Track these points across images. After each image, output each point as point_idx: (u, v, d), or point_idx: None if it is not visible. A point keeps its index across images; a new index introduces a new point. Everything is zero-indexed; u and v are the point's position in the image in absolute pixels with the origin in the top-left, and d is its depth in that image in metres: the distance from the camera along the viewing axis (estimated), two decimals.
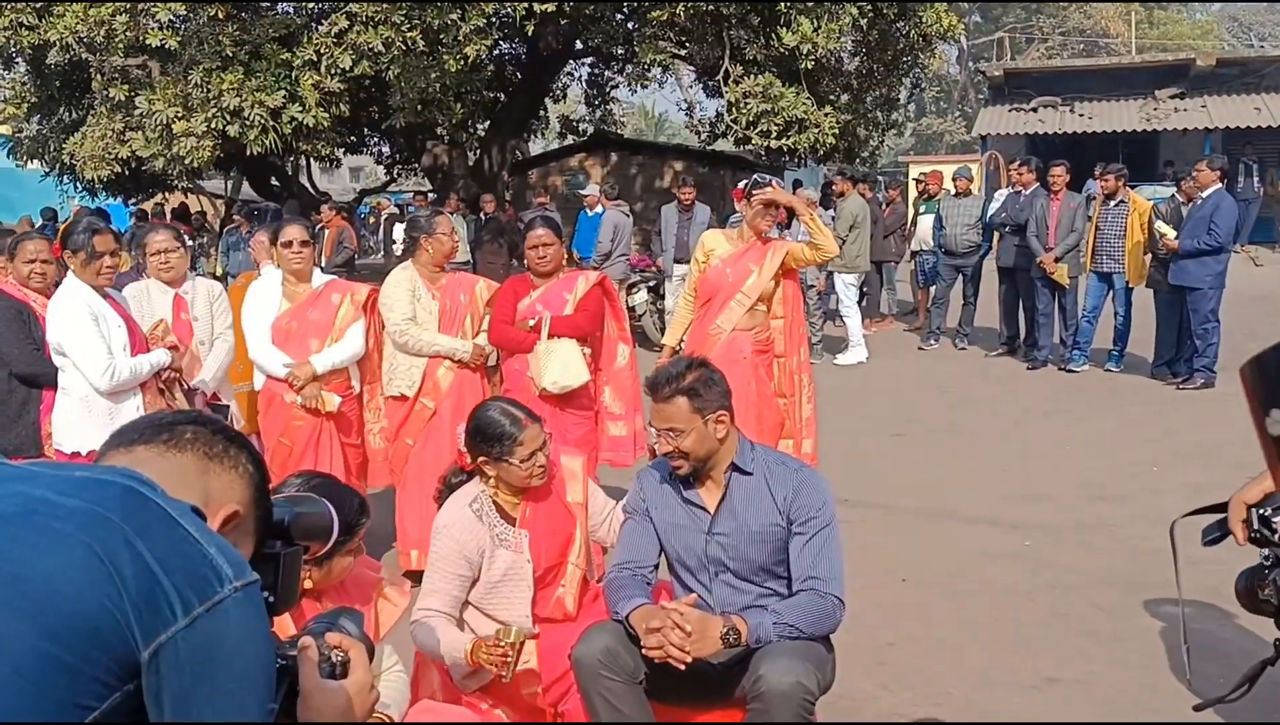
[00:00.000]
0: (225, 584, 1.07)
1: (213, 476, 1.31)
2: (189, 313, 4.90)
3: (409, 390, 5.00)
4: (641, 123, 48.81)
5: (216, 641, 1.05)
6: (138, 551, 1.02)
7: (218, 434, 1.34)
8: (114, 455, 1.30)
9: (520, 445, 3.03)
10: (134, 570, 1.01)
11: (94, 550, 1.00)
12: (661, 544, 3.11)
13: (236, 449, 1.35)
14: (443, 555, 3.08)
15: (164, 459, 1.28)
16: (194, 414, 1.40)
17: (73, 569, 0.99)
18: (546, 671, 3.14)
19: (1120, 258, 9.44)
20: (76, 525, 1.01)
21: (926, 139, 43.86)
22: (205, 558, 1.08)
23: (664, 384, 2.98)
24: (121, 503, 1.06)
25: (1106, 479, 6.40)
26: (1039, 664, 3.97)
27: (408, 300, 5.04)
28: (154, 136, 12.32)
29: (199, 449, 1.31)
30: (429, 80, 11.99)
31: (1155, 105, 20.12)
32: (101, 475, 1.11)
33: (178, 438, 1.31)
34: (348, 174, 44.15)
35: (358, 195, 22.30)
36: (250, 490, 1.35)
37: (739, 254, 5.37)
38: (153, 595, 1.01)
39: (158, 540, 1.04)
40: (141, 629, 1.00)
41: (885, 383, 9.83)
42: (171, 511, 1.09)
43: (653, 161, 20.63)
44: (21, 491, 1.05)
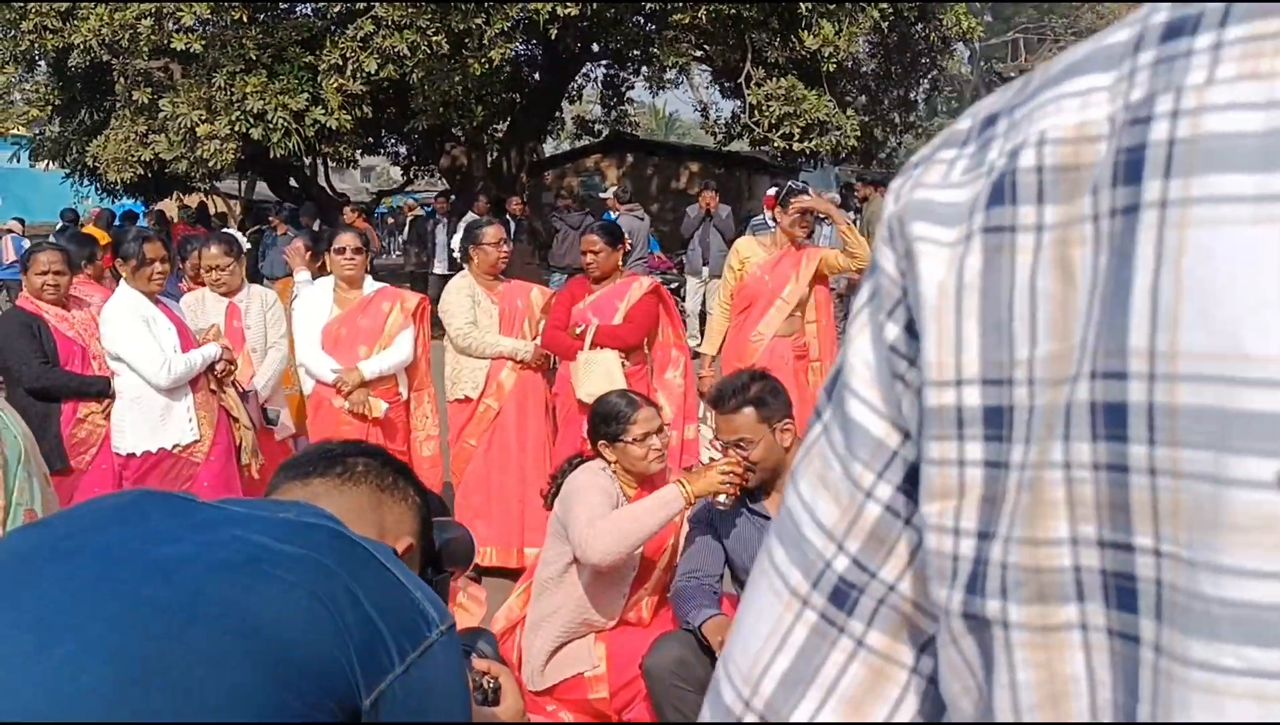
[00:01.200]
0: (433, 628, 1.08)
1: (386, 509, 1.32)
2: (241, 320, 4.96)
3: (473, 392, 5.09)
4: (652, 122, 48.79)
5: (428, 686, 1.06)
6: (357, 598, 1.03)
7: (387, 465, 1.36)
8: (290, 488, 1.31)
9: (634, 424, 3.13)
10: (355, 618, 1.01)
11: (320, 599, 1.00)
12: (726, 555, 3.16)
13: (404, 480, 1.37)
14: (587, 494, 3.13)
15: (340, 493, 1.30)
16: (360, 445, 1.41)
17: (304, 619, 0.99)
18: (614, 677, 3.19)
19: None
20: (300, 574, 1.02)
21: None
22: (413, 602, 1.08)
23: (730, 396, 3.03)
24: (333, 548, 1.07)
25: None
26: None
27: (468, 306, 5.12)
28: (177, 139, 12.39)
29: (372, 482, 1.33)
30: (452, 83, 12.05)
31: None
32: (304, 517, 1.12)
33: (351, 470, 1.33)
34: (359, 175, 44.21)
35: (375, 196, 22.36)
36: (418, 522, 1.37)
37: (775, 261, 5.43)
38: (372, 642, 1.02)
39: (371, 586, 1.05)
40: (365, 677, 1.00)
41: None
42: (377, 555, 1.09)
43: (668, 162, 20.69)
44: (240, 537, 1.05)
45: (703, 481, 2.95)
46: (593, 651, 3.22)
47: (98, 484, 4.48)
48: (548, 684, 3.22)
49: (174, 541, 1.03)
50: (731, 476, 2.92)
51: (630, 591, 3.27)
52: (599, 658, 3.21)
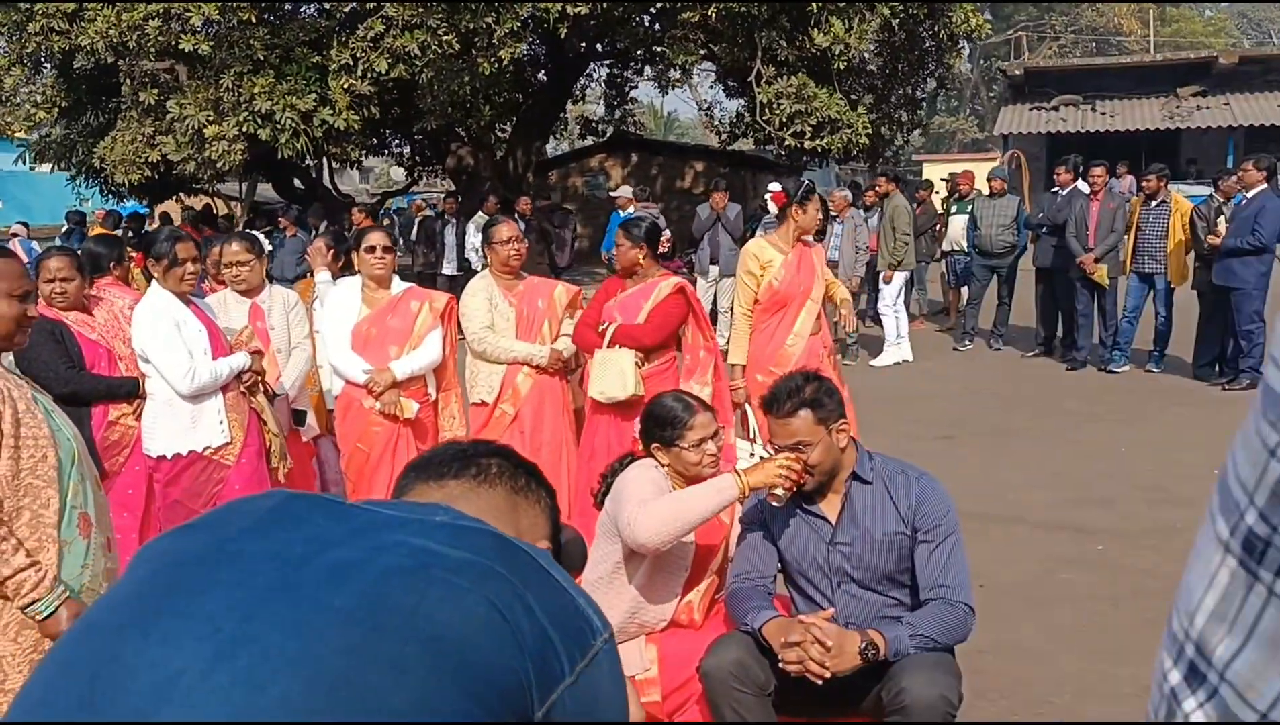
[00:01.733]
0: (597, 635, 1.03)
1: (521, 512, 1.28)
2: (265, 321, 4.91)
3: (489, 397, 5.05)
4: (651, 122, 48.81)
5: (595, 695, 1.01)
6: (529, 605, 0.98)
7: (519, 467, 1.31)
8: (424, 489, 1.26)
9: (690, 430, 3.10)
10: (529, 625, 0.96)
11: (495, 606, 0.95)
12: (780, 555, 3.11)
13: (536, 482, 1.32)
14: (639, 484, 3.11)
15: (477, 495, 1.25)
16: (490, 445, 1.35)
17: (481, 626, 0.94)
18: (667, 680, 3.14)
19: (1162, 258, 9.43)
20: (473, 580, 0.97)
21: (938, 138, 43.80)
22: (577, 608, 1.04)
23: (785, 399, 2.97)
24: (500, 552, 1.02)
25: (1167, 482, 6.38)
26: (1136, 672, 3.96)
27: (485, 309, 5.07)
28: (185, 140, 12.37)
29: (506, 483, 1.28)
30: (461, 83, 12.02)
31: (1177, 103, 20.10)
32: (461, 521, 1.06)
33: (486, 472, 1.28)
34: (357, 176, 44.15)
35: (380, 197, 22.31)
36: (550, 525, 1.32)
37: (798, 262, 5.42)
38: (545, 651, 0.97)
39: (540, 592, 1.00)
40: (539, 687, 0.96)
41: (925, 384, 9.81)
42: (539, 559, 1.05)
43: (673, 162, 20.65)
44: (402, 541, 0.99)
45: (760, 473, 2.90)
46: (644, 654, 3.18)
47: (130, 486, 4.43)
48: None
49: (339, 545, 0.97)
50: (789, 472, 2.88)
51: (682, 592, 3.22)
52: (651, 660, 3.16)
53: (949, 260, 12.54)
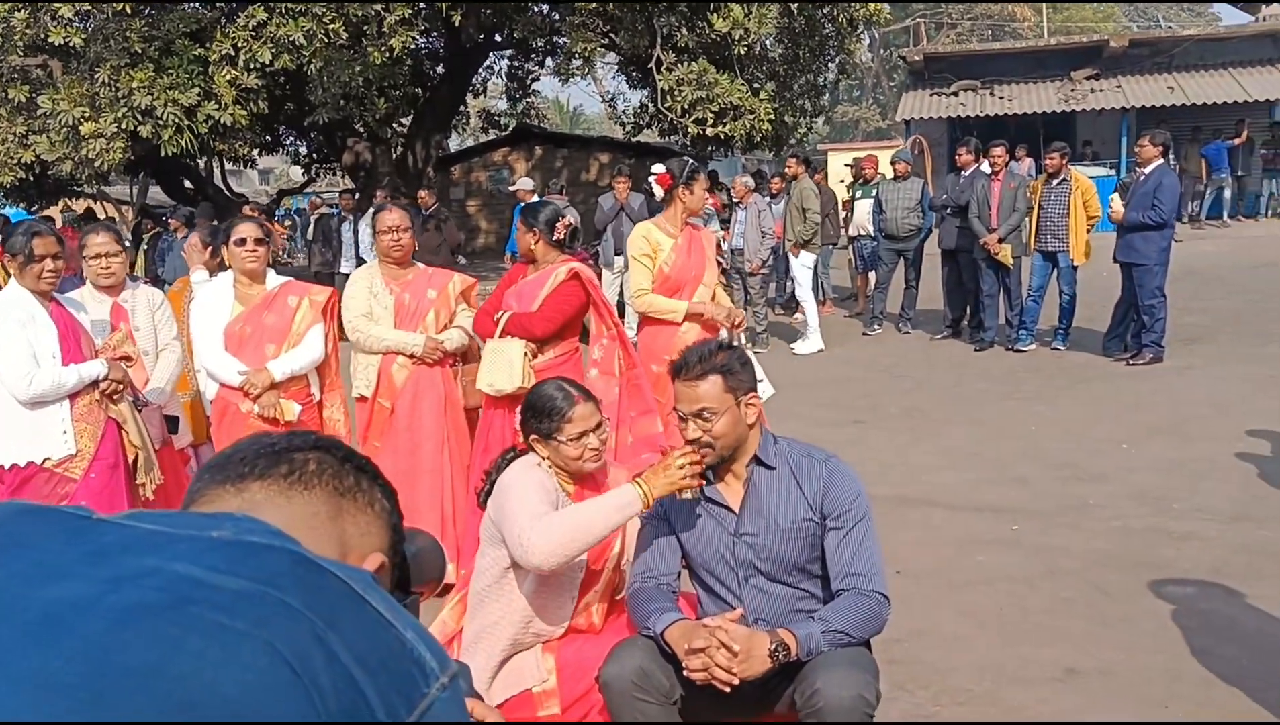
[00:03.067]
0: (432, 681, 0.79)
1: (348, 519, 1.02)
2: (129, 322, 4.53)
3: (367, 391, 4.79)
4: (557, 117, 48.42)
5: None
6: (332, 651, 0.73)
7: (346, 462, 1.05)
8: (218, 495, 0.99)
9: (569, 422, 2.86)
10: (331, 678, 0.72)
11: (281, 656, 0.70)
12: (683, 549, 2.89)
13: (369, 480, 1.05)
14: (523, 490, 2.84)
15: (288, 500, 0.99)
16: (311, 437, 1.07)
17: (260, 687, 0.68)
18: (566, 691, 2.90)
19: (1064, 236, 9.46)
20: (251, 619, 0.71)
21: (841, 126, 44.23)
22: (405, 647, 0.79)
23: (695, 362, 2.75)
24: (296, 579, 0.76)
25: (1079, 459, 6.34)
26: (1055, 654, 3.83)
27: (364, 297, 4.80)
28: (59, 139, 11.70)
29: (328, 484, 1.02)
30: (352, 74, 11.59)
31: (1072, 86, 20.44)
32: (247, 535, 0.80)
33: (301, 470, 1.01)
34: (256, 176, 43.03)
35: (275, 197, 21.61)
36: (389, 533, 1.06)
37: (688, 244, 5.26)
38: (355, 711, 0.72)
39: (349, 630, 0.75)
40: None
41: (835, 370, 9.72)
42: (355, 585, 0.79)
43: (578, 154, 20.41)
44: (158, 568, 0.73)
45: (662, 479, 2.66)
46: (541, 664, 2.93)
47: None
48: (494, 703, 2.92)
49: (65, 577, 0.71)
50: (690, 468, 2.65)
51: (579, 595, 2.98)
52: (548, 670, 2.91)
53: (855, 245, 12.50)
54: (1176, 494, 5.54)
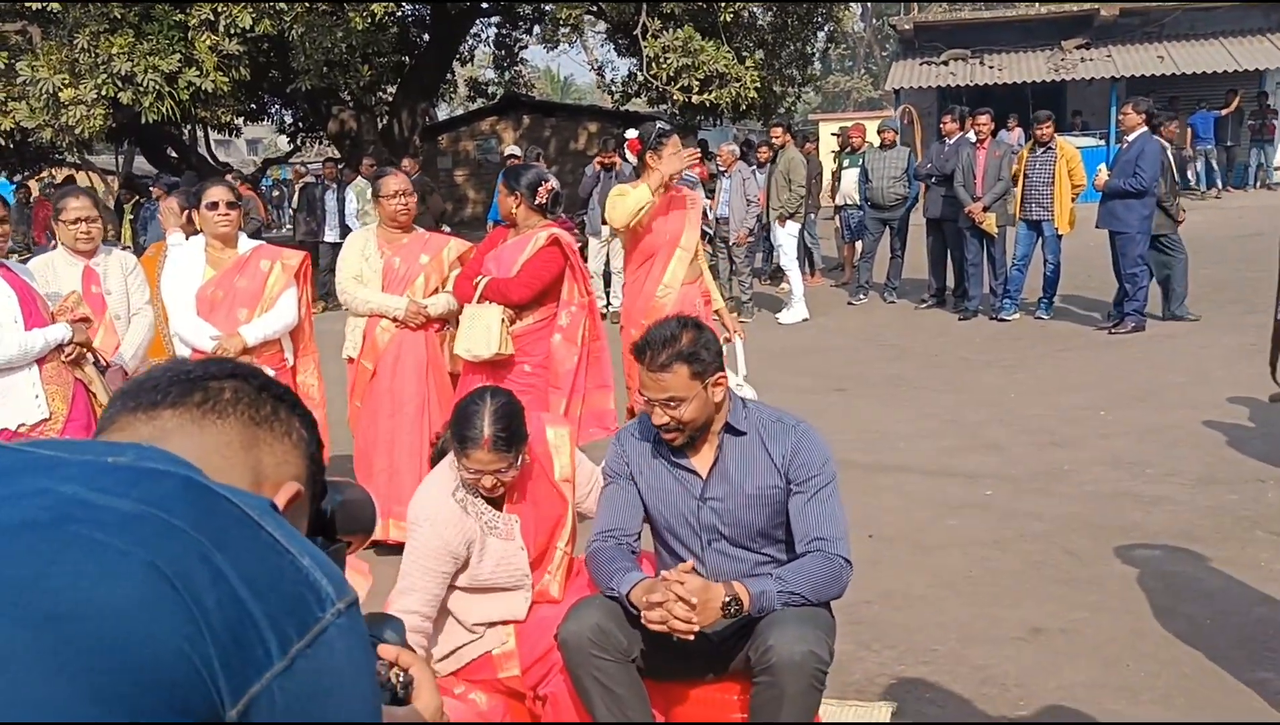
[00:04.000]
0: (327, 606, 0.79)
1: (264, 448, 1.01)
2: (101, 286, 4.51)
3: (354, 352, 4.83)
4: (548, 87, 48.15)
5: (321, 683, 0.77)
6: (219, 571, 0.73)
7: (263, 391, 1.03)
8: (129, 422, 0.97)
9: (467, 457, 2.73)
10: (216, 598, 0.72)
11: (162, 573, 0.70)
12: (646, 510, 2.89)
13: (286, 409, 1.05)
14: (424, 551, 2.78)
15: (200, 429, 0.97)
16: (229, 364, 1.05)
17: (135, 601, 0.69)
18: (525, 652, 2.91)
19: (1049, 205, 9.45)
20: (133, 538, 0.71)
21: (833, 97, 44.05)
22: (300, 573, 0.79)
23: (660, 349, 2.68)
24: (187, 502, 0.76)
25: (1056, 425, 6.36)
26: (1022, 614, 3.86)
27: (356, 260, 4.84)
28: (39, 106, 11.62)
29: (243, 413, 1.00)
30: (334, 40, 11.50)
31: (1062, 56, 20.36)
32: (146, 461, 0.80)
33: (215, 399, 1.00)
34: (245, 146, 42.77)
35: (261, 166, 21.49)
36: (306, 463, 1.05)
37: (665, 208, 5.20)
38: (241, 630, 0.73)
39: (240, 552, 0.76)
40: (229, 679, 0.71)
41: (820, 339, 9.73)
42: (249, 511, 0.79)
43: (566, 123, 20.31)
44: (47, 488, 0.74)
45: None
46: (500, 628, 2.94)
47: None
48: (456, 666, 2.93)
49: None
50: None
51: (533, 579, 2.96)
52: (507, 633, 2.92)
53: (842, 214, 12.48)
54: (1150, 459, 5.57)
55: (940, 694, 3.36)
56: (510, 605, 2.92)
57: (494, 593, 2.90)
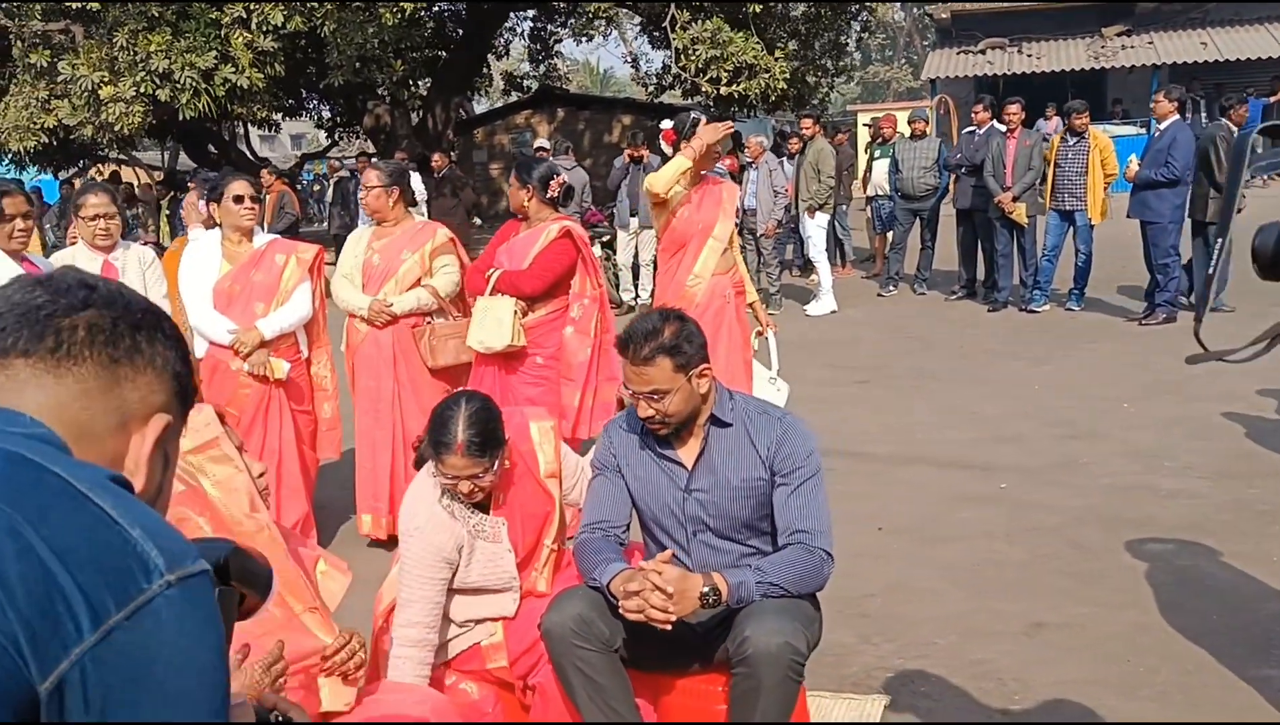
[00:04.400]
0: (154, 578, 0.79)
1: (126, 386, 0.97)
2: (119, 279, 4.60)
3: (343, 347, 4.87)
4: (587, 79, 48.21)
5: (141, 657, 0.77)
6: (26, 543, 0.74)
7: (118, 322, 0.99)
8: None
9: (442, 463, 2.73)
10: (21, 569, 0.73)
11: None
12: (634, 502, 2.91)
13: (146, 336, 1.00)
14: (417, 559, 2.81)
15: (57, 380, 0.94)
16: (80, 294, 0.99)
17: None
18: (514, 643, 2.94)
19: (1082, 195, 9.33)
20: None
21: (873, 87, 43.71)
22: (127, 544, 0.79)
23: (642, 342, 2.70)
24: (7, 477, 0.78)
25: (1078, 417, 6.30)
26: (1024, 608, 3.84)
27: (349, 258, 4.89)
28: (80, 103, 11.84)
29: (100, 353, 0.96)
30: (366, 36, 11.60)
31: (1103, 43, 20.07)
32: None
33: (68, 342, 0.95)
34: (289, 141, 43.25)
35: (299, 160, 21.73)
36: (173, 387, 1.02)
37: (700, 198, 5.15)
38: (49, 604, 0.74)
39: (58, 526, 0.77)
40: (36, 653, 0.73)
41: (846, 331, 9.69)
42: (78, 484, 0.80)
43: (601, 116, 20.34)
44: None
45: None
46: (489, 622, 2.97)
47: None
48: (447, 656, 2.97)
49: None
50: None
51: (521, 578, 2.99)
52: (495, 626, 2.95)
53: (874, 205, 12.40)
54: (1169, 452, 5.50)
55: (936, 688, 3.35)
56: (498, 606, 2.94)
57: (482, 594, 2.93)
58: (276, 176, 12.80)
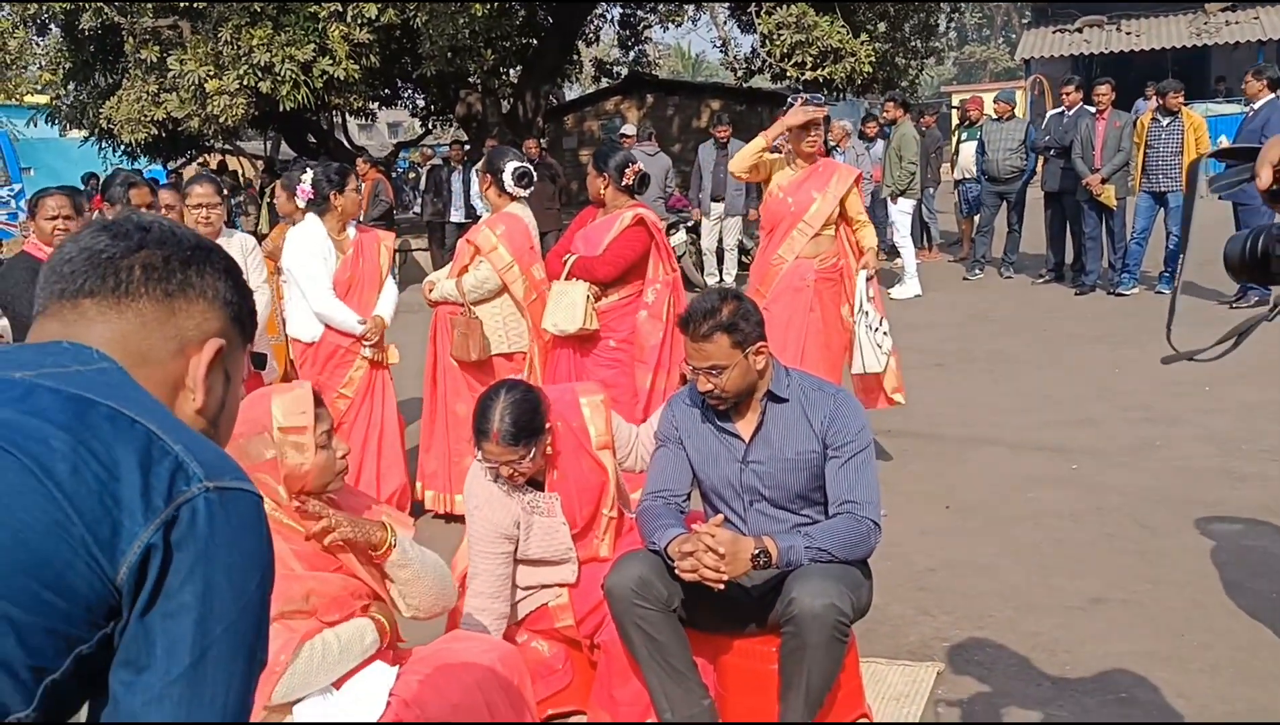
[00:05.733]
0: (194, 482, 0.94)
1: (181, 316, 1.12)
2: None
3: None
4: (679, 64, 48.25)
5: (197, 550, 0.93)
6: (81, 459, 0.91)
7: (170, 259, 1.13)
8: (58, 311, 1.11)
9: (481, 449, 2.95)
10: (75, 485, 0.90)
11: (25, 466, 0.89)
12: (695, 472, 3.08)
13: (197, 270, 1.15)
14: (479, 535, 3.06)
15: (119, 315, 1.10)
16: (135, 237, 1.14)
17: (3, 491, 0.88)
18: (579, 604, 3.14)
19: (1176, 175, 9.16)
20: (6, 440, 0.90)
21: (969, 68, 42.91)
22: (168, 455, 0.95)
23: (701, 320, 2.87)
24: (65, 411, 0.94)
25: (1155, 401, 6.27)
26: (1084, 584, 3.91)
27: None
28: (187, 97, 12.36)
29: (155, 289, 1.11)
30: (457, 26, 11.88)
31: (1205, 19, 19.46)
32: (40, 377, 0.98)
33: (127, 282, 1.10)
34: (386, 130, 44.17)
35: (394, 149, 22.27)
36: (226, 315, 1.17)
37: (800, 181, 5.18)
38: (105, 509, 0.90)
39: (108, 442, 0.93)
40: (104, 551, 0.89)
41: (929, 314, 9.68)
42: (126, 410, 0.96)
43: (689, 101, 20.38)
44: None
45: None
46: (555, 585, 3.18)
47: None
48: (518, 617, 3.19)
49: None
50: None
51: (580, 548, 3.17)
52: (561, 589, 3.16)
53: (961, 188, 12.32)
54: (1247, 436, 5.47)
55: (989, 656, 3.46)
56: (558, 575, 3.15)
57: (542, 565, 3.14)
58: (371, 165, 13.20)
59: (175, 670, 0.91)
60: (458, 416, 5.05)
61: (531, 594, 3.17)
